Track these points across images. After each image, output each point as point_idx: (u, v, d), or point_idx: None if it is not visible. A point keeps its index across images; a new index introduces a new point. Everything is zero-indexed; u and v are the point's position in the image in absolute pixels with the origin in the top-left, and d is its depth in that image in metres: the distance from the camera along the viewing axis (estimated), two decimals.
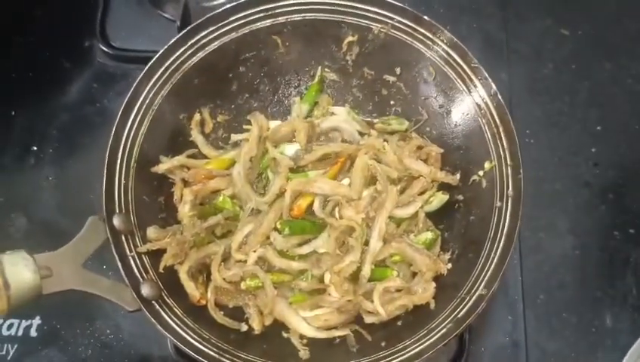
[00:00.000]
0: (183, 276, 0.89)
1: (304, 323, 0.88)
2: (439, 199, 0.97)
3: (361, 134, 1.03)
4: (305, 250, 0.90)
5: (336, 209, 0.92)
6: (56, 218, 1.11)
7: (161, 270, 0.88)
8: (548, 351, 1.04)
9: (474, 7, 1.28)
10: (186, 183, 0.98)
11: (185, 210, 0.93)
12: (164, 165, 0.96)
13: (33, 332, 1.05)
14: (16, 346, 1.04)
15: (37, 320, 1.05)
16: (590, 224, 1.13)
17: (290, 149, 0.98)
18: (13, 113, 1.20)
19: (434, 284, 0.90)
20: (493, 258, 0.86)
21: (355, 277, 0.91)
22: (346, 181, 0.96)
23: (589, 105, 1.22)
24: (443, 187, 0.99)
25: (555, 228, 1.12)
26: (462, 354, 0.99)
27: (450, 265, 0.92)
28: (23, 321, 1.05)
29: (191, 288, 0.89)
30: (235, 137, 1.04)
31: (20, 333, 1.04)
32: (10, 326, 1.05)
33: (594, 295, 1.09)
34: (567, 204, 1.14)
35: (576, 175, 1.16)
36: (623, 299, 1.09)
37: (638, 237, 1.12)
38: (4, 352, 1.03)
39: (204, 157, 1.00)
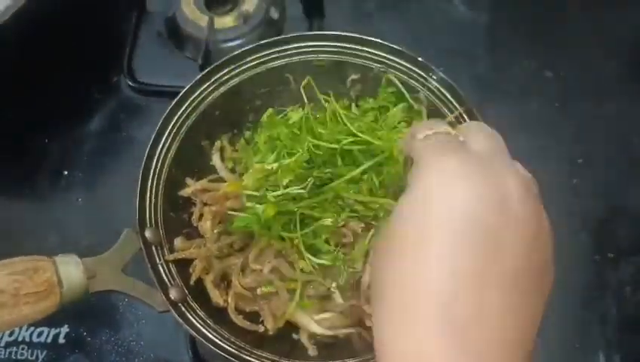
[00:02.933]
0: (209, 285, 0.99)
1: (313, 323, 0.97)
2: None
3: None
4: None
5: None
6: (84, 236, 1.20)
7: (192, 283, 0.98)
8: None
9: (464, 50, 1.41)
10: (206, 204, 1.08)
11: (207, 226, 1.03)
12: (189, 189, 1.06)
13: (61, 339, 1.13)
14: (45, 352, 1.12)
15: (65, 328, 1.14)
16: (572, 249, 1.21)
17: None
18: (46, 140, 1.31)
19: None
20: None
21: (358, 285, 1.00)
22: None
23: (572, 140, 1.33)
24: None
25: None
26: None
27: None
28: (52, 329, 1.13)
29: (216, 296, 0.99)
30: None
31: (49, 340, 1.13)
32: (40, 334, 1.13)
33: (577, 314, 1.17)
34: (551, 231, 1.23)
35: (560, 204, 1.23)
36: (605, 319, 1.16)
37: (616, 260, 1.21)
38: (33, 357, 1.12)
39: (223, 180, 1.10)
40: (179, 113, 1.04)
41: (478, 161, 0.54)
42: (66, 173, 1.28)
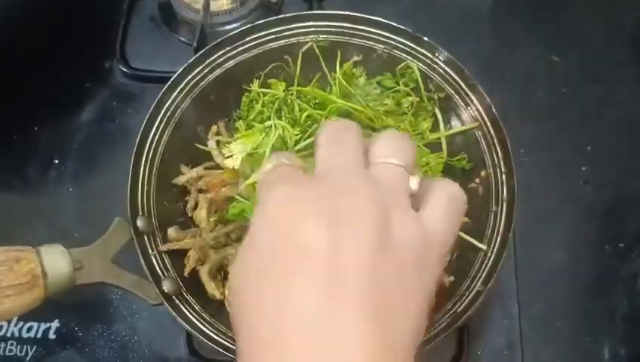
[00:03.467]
0: (205, 277, 0.95)
1: None
2: None
3: None
4: None
5: None
6: (75, 226, 1.16)
7: (186, 275, 0.94)
8: (543, 359, 1.08)
9: (469, 34, 1.36)
10: (201, 191, 1.03)
11: (202, 215, 0.99)
12: (184, 177, 1.02)
13: (52, 335, 1.08)
14: (35, 347, 1.07)
15: (55, 323, 1.09)
16: (581, 239, 1.18)
17: None
18: (36, 128, 1.26)
19: None
20: (490, 257, 0.92)
21: None
22: None
23: (579, 127, 1.28)
24: None
25: (548, 243, 1.17)
26: (461, 356, 1.03)
27: (452, 278, 0.96)
28: (42, 324, 1.09)
29: (212, 288, 0.94)
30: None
31: (39, 335, 1.08)
32: (29, 329, 1.08)
33: (586, 306, 1.13)
34: (559, 220, 1.19)
35: (568, 193, 1.21)
36: (614, 310, 1.12)
37: (627, 251, 1.17)
38: (23, 354, 1.07)
39: (219, 167, 1.06)
40: (172, 97, 1.00)
41: (313, 185, 0.51)
42: (56, 161, 1.23)
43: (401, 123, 1.01)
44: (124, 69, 1.30)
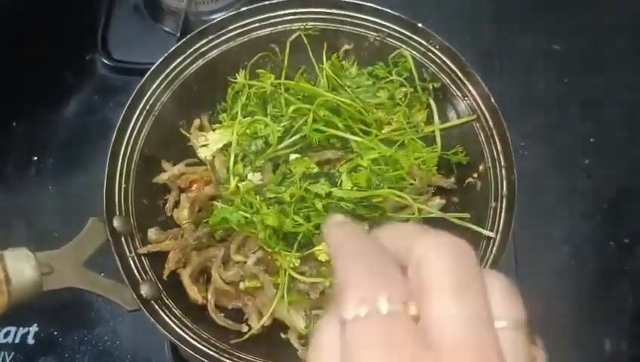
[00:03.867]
0: (186, 280, 0.90)
1: (303, 321, 0.88)
2: (437, 204, 0.98)
3: None
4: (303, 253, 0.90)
5: None
6: (55, 226, 1.11)
7: (165, 277, 0.89)
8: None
9: (467, 22, 1.31)
10: (183, 190, 0.99)
11: (184, 215, 0.94)
12: (165, 175, 0.97)
13: (30, 340, 1.04)
14: (12, 354, 1.03)
15: (34, 328, 1.05)
16: (585, 234, 1.14)
17: None
18: (14, 124, 1.21)
19: None
20: (489, 256, 0.87)
21: None
22: None
23: (581, 117, 1.24)
24: (438, 190, 1.00)
25: (551, 238, 1.13)
26: None
27: None
28: (20, 329, 1.04)
29: (194, 292, 0.89)
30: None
31: (17, 341, 1.04)
32: (6, 334, 1.04)
33: (590, 304, 1.10)
34: (562, 214, 1.15)
35: (571, 186, 1.18)
36: (620, 307, 1.09)
37: (632, 246, 1.13)
38: (0, 360, 1.02)
39: (202, 163, 1.01)
40: (152, 89, 0.94)
41: None
42: (35, 158, 1.19)
43: (394, 115, 0.96)
44: (106, 61, 1.25)
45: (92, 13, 1.29)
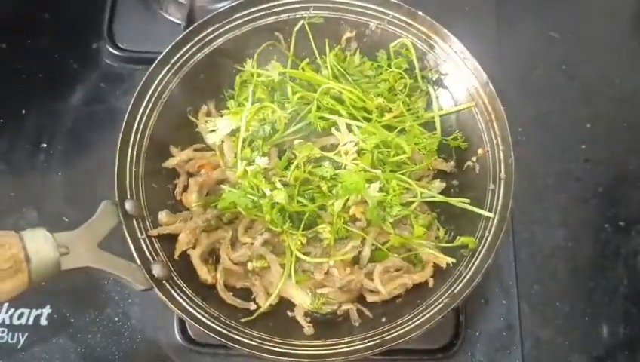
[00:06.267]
0: (196, 261, 0.93)
1: (309, 298, 0.91)
2: (437, 187, 1.01)
3: None
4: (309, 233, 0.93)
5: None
6: (64, 211, 1.13)
7: (176, 257, 0.92)
8: (542, 339, 1.07)
9: (467, 9, 1.33)
10: (191, 174, 1.01)
11: (193, 199, 0.96)
12: (174, 159, 1.00)
13: (43, 321, 1.07)
14: (27, 334, 1.06)
15: (47, 309, 1.07)
16: (581, 217, 1.16)
17: None
18: (23, 112, 1.23)
19: (432, 263, 0.94)
20: (488, 236, 0.90)
21: (357, 259, 0.94)
22: None
23: (579, 104, 1.26)
24: (439, 174, 1.03)
25: (548, 221, 1.16)
26: (458, 337, 1.02)
27: (453, 260, 0.94)
28: (34, 311, 1.07)
29: (204, 272, 0.92)
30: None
31: (30, 322, 1.06)
32: (20, 316, 1.07)
33: (586, 285, 1.12)
34: (559, 198, 1.18)
35: (568, 170, 1.20)
36: (614, 289, 1.11)
37: (627, 229, 1.16)
38: (14, 341, 1.05)
39: (210, 148, 1.03)
40: (160, 76, 0.97)
41: None
42: (44, 145, 1.21)
43: (394, 103, 0.99)
44: (112, 50, 1.26)
45: (98, 2, 1.30)
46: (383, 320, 0.90)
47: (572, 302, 1.10)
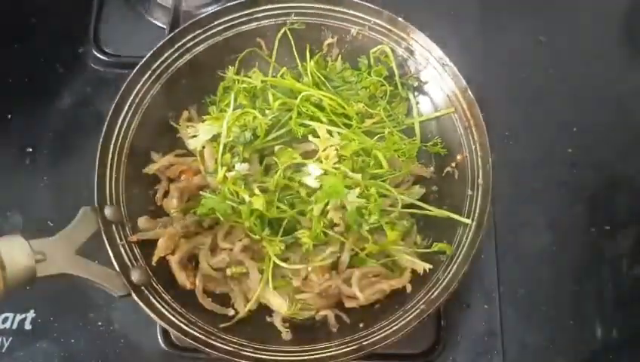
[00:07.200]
0: (175, 266, 0.93)
1: (286, 304, 0.91)
2: (416, 193, 1.01)
3: None
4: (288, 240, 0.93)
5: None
6: (50, 216, 1.12)
7: (154, 263, 0.92)
8: (526, 343, 1.07)
9: (452, 13, 1.32)
10: (172, 180, 1.02)
11: (173, 204, 0.97)
12: (155, 165, 1.00)
13: (27, 325, 1.07)
14: (10, 339, 1.06)
15: (31, 314, 1.07)
16: (567, 221, 1.16)
17: None
18: (9, 116, 1.23)
19: (410, 269, 0.94)
20: (465, 242, 0.90)
21: (335, 265, 0.95)
22: None
23: (565, 108, 1.26)
24: (418, 179, 1.03)
25: (533, 225, 1.16)
26: (439, 342, 1.02)
27: (430, 266, 0.94)
28: (18, 315, 1.07)
29: (182, 278, 0.93)
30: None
31: (14, 326, 1.07)
32: (5, 320, 1.07)
33: (571, 289, 1.12)
34: (544, 202, 1.17)
35: (554, 174, 1.20)
36: (600, 293, 1.11)
37: (612, 233, 1.16)
38: None
39: (191, 154, 1.04)
40: (140, 83, 0.98)
41: None
42: (30, 149, 1.21)
43: (375, 109, 1.00)
44: (98, 55, 1.27)
45: (84, 6, 1.31)
46: (361, 325, 0.91)
47: (557, 306, 1.10)
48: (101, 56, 1.26)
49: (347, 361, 0.86)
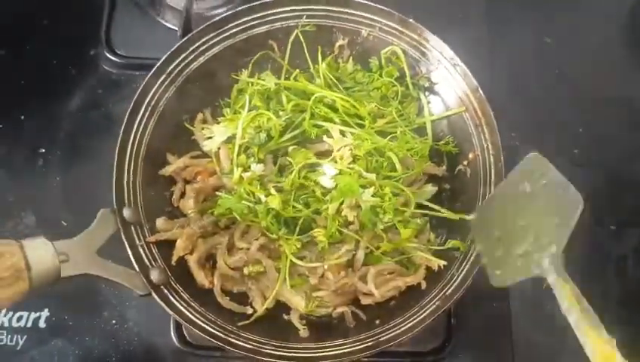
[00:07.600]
0: (193, 266, 0.94)
1: (304, 302, 0.93)
2: (429, 191, 1.03)
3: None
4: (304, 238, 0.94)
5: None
6: (63, 216, 1.15)
7: (173, 263, 0.94)
8: (533, 343, 1.09)
9: (460, 15, 1.34)
10: (188, 181, 1.03)
11: (190, 205, 0.98)
12: (171, 167, 1.01)
13: (42, 324, 1.08)
14: (25, 337, 1.07)
15: (45, 312, 1.09)
16: None
17: None
18: (22, 117, 1.24)
19: (424, 266, 0.96)
20: None
21: (350, 263, 0.96)
22: None
23: (571, 108, 1.28)
24: (431, 178, 1.05)
25: None
26: (449, 340, 1.04)
27: (445, 263, 0.96)
28: (32, 313, 1.08)
29: (201, 277, 0.94)
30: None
31: (29, 325, 1.08)
32: (19, 319, 1.08)
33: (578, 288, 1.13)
34: None
35: None
36: (605, 292, 1.13)
37: (619, 233, 1.17)
38: (13, 343, 1.07)
39: (206, 156, 1.05)
40: (156, 85, 0.99)
41: None
42: (43, 151, 1.22)
43: (387, 109, 1.01)
44: (109, 56, 1.27)
45: (95, 9, 1.32)
46: (377, 322, 0.92)
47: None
48: (113, 58, 1.27)
49: (363, 357, 0.88)
